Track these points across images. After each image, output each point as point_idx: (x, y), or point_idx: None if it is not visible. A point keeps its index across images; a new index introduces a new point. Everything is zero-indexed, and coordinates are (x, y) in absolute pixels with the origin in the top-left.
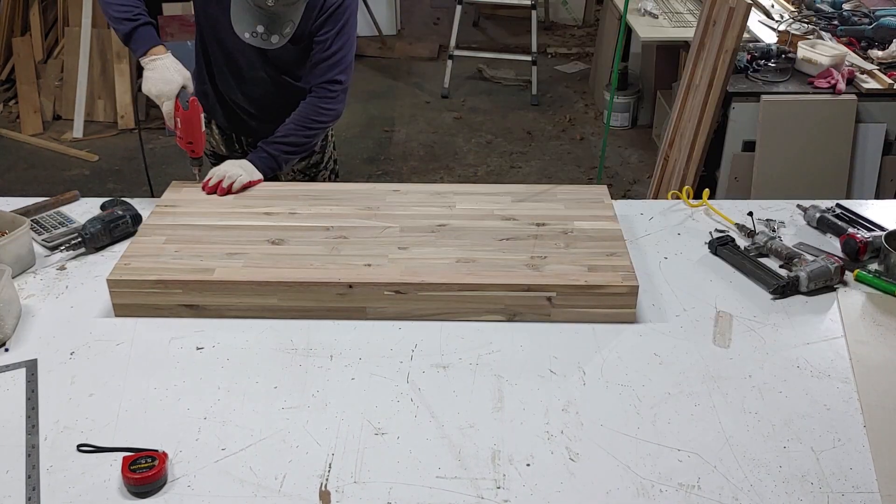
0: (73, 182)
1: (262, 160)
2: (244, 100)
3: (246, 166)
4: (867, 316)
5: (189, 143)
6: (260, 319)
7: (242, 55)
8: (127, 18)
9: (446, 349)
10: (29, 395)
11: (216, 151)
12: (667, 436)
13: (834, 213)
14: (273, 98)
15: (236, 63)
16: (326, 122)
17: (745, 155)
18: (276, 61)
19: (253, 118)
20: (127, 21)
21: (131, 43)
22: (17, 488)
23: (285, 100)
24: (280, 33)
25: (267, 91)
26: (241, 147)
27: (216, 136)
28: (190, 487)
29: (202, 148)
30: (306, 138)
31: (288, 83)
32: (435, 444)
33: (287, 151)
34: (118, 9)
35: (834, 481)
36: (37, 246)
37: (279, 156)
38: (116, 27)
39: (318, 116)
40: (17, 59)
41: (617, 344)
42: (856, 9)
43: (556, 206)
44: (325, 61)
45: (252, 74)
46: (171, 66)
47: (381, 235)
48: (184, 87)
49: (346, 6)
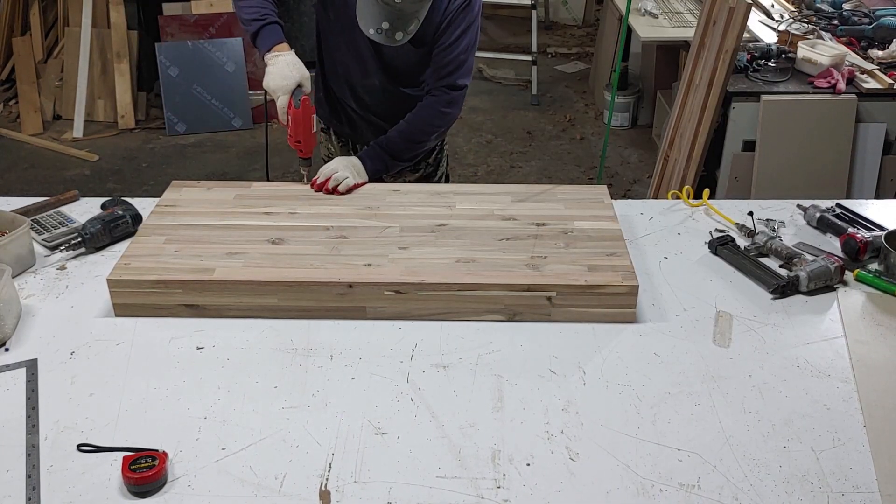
0: (73, 182)
1: (373, 160)
2: (358, 107)
3: (356, 165)
4: (867, 316)
5: (298, 143)
6: (260, 319)
7: (356, 62)
8: (256, 19)
9: (446, 349)
10: (29, 394)
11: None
12: (667, 435)
13: (834, 212)
14: (384, 106)
15: (349, 70)
16: (443, 126)
17: (745, 155)
18: (391, 68)
19: (367, 126)
20: (256, 21)
21: (258, 40)
22: (18, 488)
23: (396, 108)
24: (405, 30)
25: (378, 99)
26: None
27: (334, 142)
28: (190, 487)
29: (311, 148)
30: (420, 141)
31: (399, 92)
32: (435, 443)
33: (400, 152)
34: (249, 10)
35: (834, 481)
36: (37, 246)
37: (391, 157)
38: (246, 28)
39: (435, 120)
40: (17, 59)
41: (617, 344)
42: (856, 9)
43: (556, 205)
44: (448, 63)
45: (365, 82)
46: (291, 62)
47: (381, 235)
48: (300, 86)
49: (473, 6)
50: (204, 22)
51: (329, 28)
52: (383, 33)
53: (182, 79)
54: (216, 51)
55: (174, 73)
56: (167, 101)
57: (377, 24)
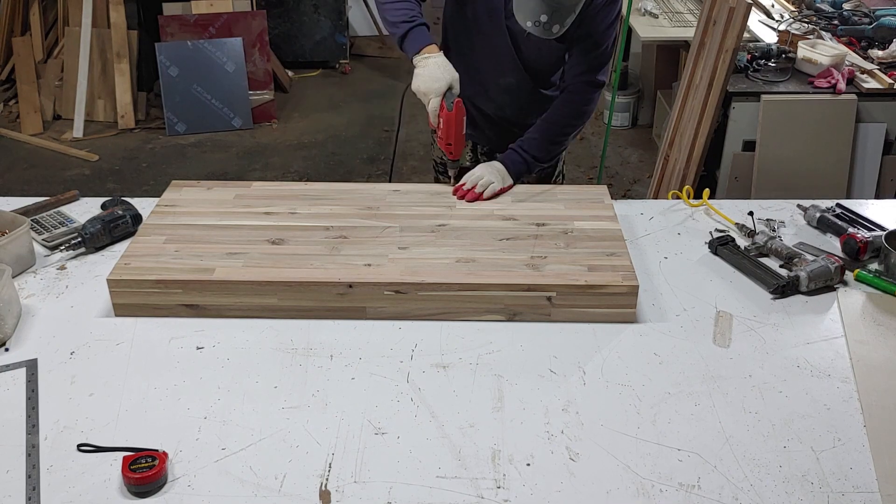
0: (73, 182)
1: (515, 164)
2: (487, 108)
3: (500, 170)
4: (867, 316)
5: (448, 145)
6: (260, 319)
7: (492, 60)
8: (405, 21)
9: (446, 349)
10: (29, 394)
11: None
12: (667, 435)
13: (834, 212)
14: (516, 107)
15: (483, 69)
16: (581, 124)
17: (745, 155)
18: (529, 66)
19: (490, 127)
20: (404, 23)
21: (405, 43)
22: (18, 488)
23: (529, 109)
24: (561, 23)
25: (512, 99)
26: (475, 156)
27: None
28: (190, 487)
29: (461, 151)
30: (560, 142)
31: (535, 91)
32: (435, 443)
33: (541, 153)
34: (396, 13)
35: (834, 481)
36: (37, 246)
37: (534, 159)
38: (393, 31)
39: (575, 119)
40: (17, 59)
41: (617, 344)
42: (856, 8)
43: (556, 205)
44: (594, 58)
45: (500, 81)
46: (441, 64)
47: (381, 235)
48: (450, 89)
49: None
50: (204, 22)
51: (464, 28)
52: (541, 26)
53: (182, 79)
54: (216, 51)
55: (174, 72)
56: (167, 101)
57: (535, 16)
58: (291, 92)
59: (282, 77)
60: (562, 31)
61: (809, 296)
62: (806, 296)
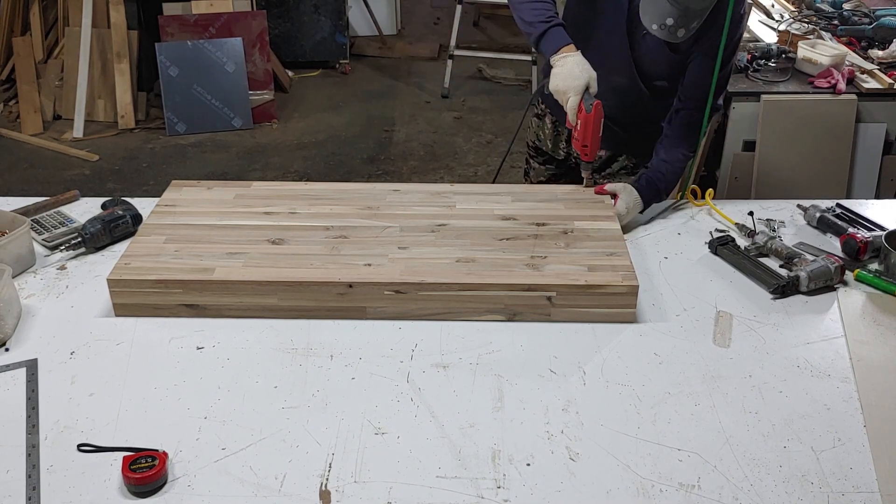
0: (73, 182)
1: (649, 193)
2: None
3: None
4: (867, 316)
5: (584, 147)
6: (260, 319)
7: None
8: (542, 20)
9: (446, 349)
10: (29, 394)
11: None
12: (667, 435)
13: (834, 212)
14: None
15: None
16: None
17: (745, 155)
18: (642, 67)
19: None
20: (541, 23)
21: (542, 43)
22: (18, 488)
23: (633, 110)
24: (687, 27)
25: (618, 99)
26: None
27: (548, 127)
28: (190, 487)
29: (595, 152)
30: (680, 175)
31: (642, 93)
32: (435, 443)
33: (668, 186)
34: (531, 13)
35: (834, 481)
36: (37, 245)
37: (664, 192)
38: (529, 31)
39: (689, 149)
40: (17, 59)
41: (617, 344)
42: (856, 8)
43: (556, 205)
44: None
45: (609, 79)
46: (579, 63)
47: (381, 235)
48: (588, 88)
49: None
50: (204, 22)
51: (584, 22)
52: (666, 29)
53: (182, 79)
54: (216, 51)
55: (174, 72)
56: (167, 101)
57: (662, 19)
58: (291, 92)
59: (282, 77)
60: (687, 35)
61: (809, 296)
62: (806, 296)
